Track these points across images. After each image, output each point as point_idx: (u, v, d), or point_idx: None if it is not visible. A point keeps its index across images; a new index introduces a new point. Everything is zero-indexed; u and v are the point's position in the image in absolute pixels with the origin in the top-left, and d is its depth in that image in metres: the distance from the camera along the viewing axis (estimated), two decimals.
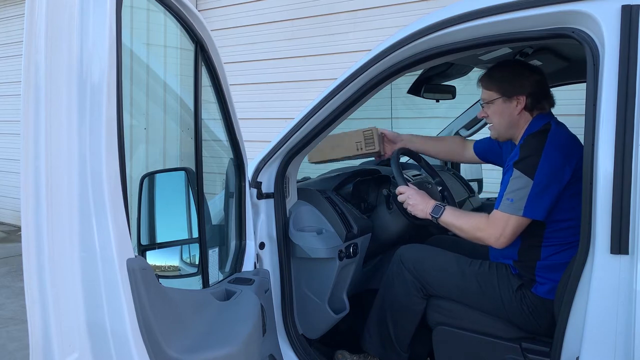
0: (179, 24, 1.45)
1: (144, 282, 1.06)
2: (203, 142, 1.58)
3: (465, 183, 3.32)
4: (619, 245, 1.30)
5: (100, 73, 1.03)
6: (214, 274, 1.70)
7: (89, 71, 1.03)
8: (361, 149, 2.36)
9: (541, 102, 2.00)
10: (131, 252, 1.07)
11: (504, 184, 1.89)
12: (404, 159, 2.67)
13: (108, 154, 1.04)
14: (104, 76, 1.03)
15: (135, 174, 1.58)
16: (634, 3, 1.32)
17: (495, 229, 1.85)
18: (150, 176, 1.57)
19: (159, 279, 1.21)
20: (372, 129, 2.37)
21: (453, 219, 1.96)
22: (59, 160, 1.01)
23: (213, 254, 1.73)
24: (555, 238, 1.90)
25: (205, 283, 1.57)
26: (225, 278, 1.69)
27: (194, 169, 1.58)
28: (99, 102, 1.03)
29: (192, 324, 1.27)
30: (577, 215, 1.49)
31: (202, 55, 1.55)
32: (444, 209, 1.98)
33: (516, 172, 1.83)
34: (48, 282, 0.98)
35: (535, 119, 1.99)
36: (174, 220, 1.62)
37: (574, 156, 1.83)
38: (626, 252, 1.30)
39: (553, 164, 1.81)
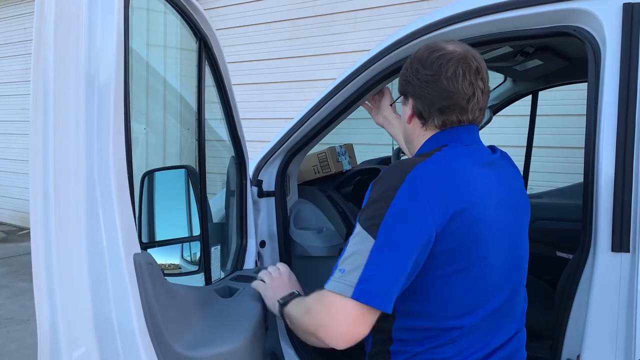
0: (182, 21, 1.45)
1: (150, 277, 1.07)
2: (205, 141, 1.59)
3: None
4: (620, 243, 1.30)
5: (108, 73, 1.05)
6: (216, 272, 1.70)
7: (97, 71, 1.05)
8: (318, 172, 2.35)
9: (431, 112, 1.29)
10: (137, 247, 1.08)
11: None
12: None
13: (115, 152, 1.05)
14: (112, 76, 1.05)
15: (136, 171, 1.58)
16: (635, 1, 1.32)
17: (328, 319, 1.11)
18: (151, 174, 1.57)
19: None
20: (326, 150, 2.35)
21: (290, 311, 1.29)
22: (67, 158, 1.03)
23: (215, 252, 1.73)
24: (407, 341, 1.23)
25: (208, 280, 1.58)
26: (227, 276, 1.70)
27: (195, 167, 1.58)
28: (107, 101, 1.05)
29: (197, 319, 1.28)
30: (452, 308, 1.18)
31: (206, 52, 1.56)
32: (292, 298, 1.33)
33: (357, 227, 1.13)
34: (56, 277, 0.99)
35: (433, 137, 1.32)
36: (175, 218, 1.62)
37: (446, 204, 1.13)
38: (627, 250, 1.30)
39: (403, 213, 1.11)
